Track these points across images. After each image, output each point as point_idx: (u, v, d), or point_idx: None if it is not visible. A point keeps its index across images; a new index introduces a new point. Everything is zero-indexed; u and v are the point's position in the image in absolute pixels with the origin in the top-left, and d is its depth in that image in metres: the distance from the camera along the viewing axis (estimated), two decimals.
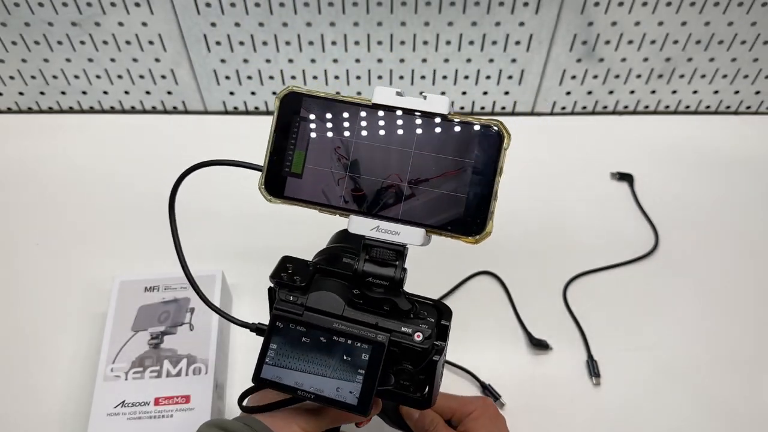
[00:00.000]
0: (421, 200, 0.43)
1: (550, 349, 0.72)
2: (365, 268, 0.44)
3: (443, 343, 0.46)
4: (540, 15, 0.84)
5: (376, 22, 0.84)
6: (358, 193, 0.44)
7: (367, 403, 0.43)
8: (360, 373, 0.44)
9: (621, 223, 0.84)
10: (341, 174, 0.44)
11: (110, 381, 0.63)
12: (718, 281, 0.78)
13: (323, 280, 0.47)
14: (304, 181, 0.44)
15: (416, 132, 0.42)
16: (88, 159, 0.90)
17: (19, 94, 0.95)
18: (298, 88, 0.43)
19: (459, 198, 0.42)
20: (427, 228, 0.43)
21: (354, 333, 0.45)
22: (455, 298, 0.76)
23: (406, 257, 0.44)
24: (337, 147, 0.43)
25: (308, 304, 0.46)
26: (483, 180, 0.42)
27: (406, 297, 0.45)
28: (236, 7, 0.82)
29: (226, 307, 0.71)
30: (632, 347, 0.72)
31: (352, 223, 0.43)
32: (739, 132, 0.96)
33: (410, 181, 0.43)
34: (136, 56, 0.89)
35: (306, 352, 0.45)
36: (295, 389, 0.44)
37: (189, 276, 0.49)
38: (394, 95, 0.42)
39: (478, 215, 0.43)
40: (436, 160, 0.42)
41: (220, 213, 0.83)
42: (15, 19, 0.84)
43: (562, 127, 0.96)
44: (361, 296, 0.45)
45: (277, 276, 0.47)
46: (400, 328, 0.45)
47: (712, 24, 0.86)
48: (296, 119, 0.44)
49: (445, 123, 0.42)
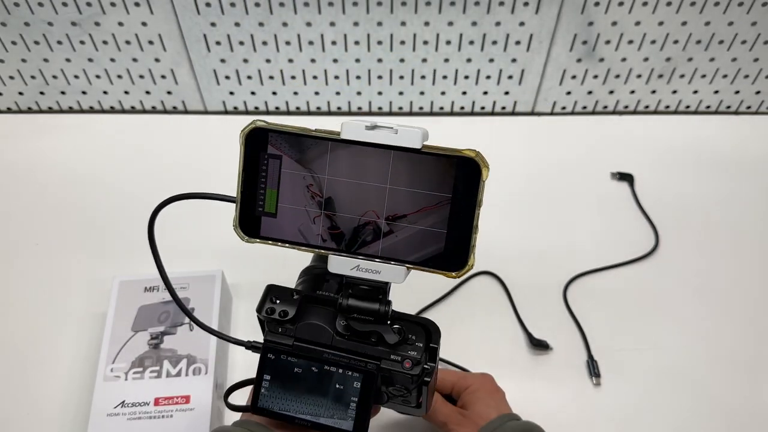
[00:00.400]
0: (400, 237, 0.41)
1: (551, 349, 0.72)
2: (350, 303, 0.44)
3: (433, 365, 0.45)
4: (540, 15, 0.84)
5: (376, 22, 0.84)
6: (335, 231, 0.42)
7: (362, 429, 0.44)
8: (353, 401, 0.44)
9: (621, 223, 0.84)
10: (316, 212, 0.42)
11: (110, 381, 0.63)
12: (718, 281, 0.78)
13: (310, 309, 0.46)
14: (280, 220, 0.43)
15: (389, 166, 0.40)
16: (88, 159, 0.90)
17: (18, 94, 0.95)
18: (263, 124, 0.42)
19: (438, 233, 0.41)
20: (407, 265, 0.42)
21: (344, 363, 0.45)
22: (456, 297, 0.76)
23: (389, 292, 0.44)
24: (309, 184, 0.42)
25: (297, 335, 0.46)
26: (462, 214, 0.40)
27: (392, 326, 0.44)
28: (236, 6, 0.82)
29: (226, 307, 0.71)
30: (632, 347, 0.72)
31: (332, 263, 0.42)
32: (739, 132, 0.96)
33: (387, 217, 0.41)
34: (136, 56, 0.89)
35: (299, 381, 0.45)
36: (293, 417, 0.45)
37: (175, 298, 0.49)
38: (364, 129, 0.40)
39: (459, 250, 0.41)
40: (412, 195, 0.41)
41: (220, 213, 0.83)
42: (15, 19, 0.84)
43: (562, 127, 0.96)
44: (347, 328, 0.45)
45: (263, 309, 0.46)
46: (389, 357, 0.44)
47: (713, 24, 0.85)
48: (264, 156, 0.42)
49: (419, 156, 0.40)
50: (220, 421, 0.64)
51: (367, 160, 0.41)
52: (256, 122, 0.42)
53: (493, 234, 0.81)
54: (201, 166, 0.88)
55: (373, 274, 0.42)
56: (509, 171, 0.88)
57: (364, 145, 0.40)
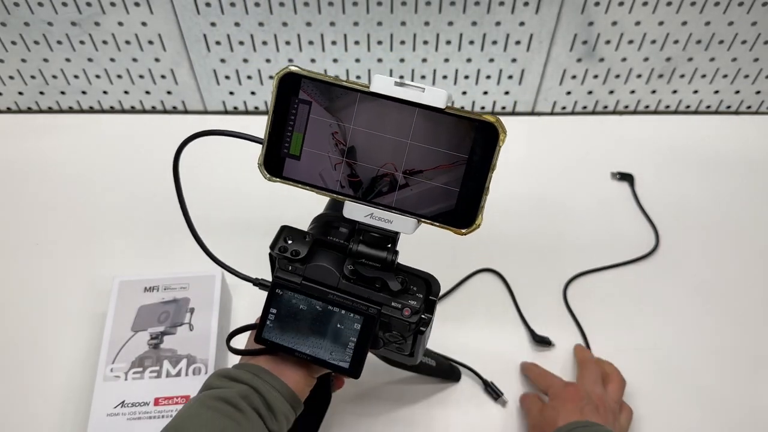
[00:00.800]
0: (415, 191, 0.44)
1: (553, 345, 0.72)
2: (359, 249, 0.46)
3: (430, 316, 0.48)
4: (540, 15, 0.84)
5: (376, 22, 0.84)
6: (354, 179, 0.45)
7: (358, 367, 0.47)
8: (352, 341, 0.47)
9: (621, 223, 0.84)
10: (338, 159, 0.44)
11: (110, 381, 0.63)
12: (718, 281, 0.78)
13: (320, 252, 0.49)
14: (302, 163, 0.45)
15: (413, 123, 0.43)
16: (87, 159, 0.90)
17: (18, 93, 0.95)
18: (297, 69, 0.43)
19: (451, 191, 0.43)
20: (419, 218, 0.44)
21: (347, 304, 0.48)
22: (458, 294, 0.76)
23: (398, 242, 0.46)
24: (334, 132, 0.44)
25: (306, 274, 0.48)
26: (476, 175, 0.43)
27: (396, 276, 0.47)
28: (236, 6, 0.82)
29: (226, 307, 0.71)
30: (632, 347, 0.72)
31: (347, 209, 0.45)
32: (739, 132, 0.96)
33: (405, 171, 0.44)
34: (136, 56, 0.89)
35: (303, 318, 0.48)
36: (293, 350, 0.48)
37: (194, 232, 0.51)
38: (393, 85, 0.42)
39: (469, 209, 0.43)
40: (431, 152, 0.43)
41: (220, 214, 0.83)
42: (15, 19, 0.84)
43: (562, 127, 0.96)
44: (354, 272, 0.47)
45: (276, 247, 0.49)
46: (390, 303, 0.47)
47: (713, 24, 0.85)
48: (294, 100, 0.44)
49: (442, 116, 0.42)
50: None
51: (391, 115, 0.43)
52: (290, 67, 0.44)
53: (492, 233, 0.81)
54: (201, 165, 0.88)
55: (385, 223, 0.44)
56: (509, 171, 0.88)
57: (391, 100, 0.42)
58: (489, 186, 0.42)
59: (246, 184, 0.81)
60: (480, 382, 0.69)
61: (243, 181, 0.83)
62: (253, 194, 0.83)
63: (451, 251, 0.79)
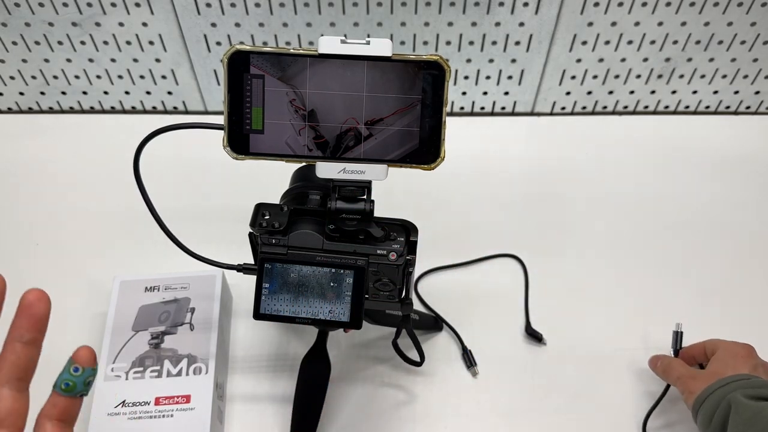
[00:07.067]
0: (379, 138, 0.46)
1: (544, 344, 0.72)
2: (338, 206, 0.48)
3: (414, 256, 0.51)
4: (540, 15, 0.84)
5: (376, 22, 0.84)
6: (320, 141, 0.46)
7: (358, 318, 0.50)
8: (347, 295, 0.50)
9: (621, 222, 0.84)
10: (301, 124, 0.46)
11: (110, 381, 0.63)
12: (718, 281, 0.78)
13: (299, 221, 0.51)
14: (267, 135, 0.46)
15: (365, 76, 0.45)
16: (88, 159, 0.90)
17: (19, 94, 0.95)
18: (243, 46, 0.45)
19: (413, 132, 0.46)
20: (388, 163, 0.46)
21: (336, 262, 0.50)
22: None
23: (371, 191, 0.48)
24: (292, 99, 0.46)
25: (290, 243, 0.50)
26: (432, 112, 0.45)
27: (377, 224, 0.49)
28: (236, 7, 0.82)
29: (227, 306, 0.71)
30: (632, 347, 0.72)
31: (320, 169, 0.46)
32: (739, 132, 0.96)
33: (366, 122, 0.46)
34: (137, 56, 0.89)
35: (296, 285, 0.50)
36: (293, 318, 0.50)
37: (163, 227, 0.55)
38: (339, 43, 0.44)
39: (432, 144, 0.46)
40: (386, 99, 0.45)
41: (220, 215, 0.83)
42: (15, 19, 0.84)
43: (562, 127, 0.96)
44: (336, 230, 0.50)
45: (256, 223, 0.50)
46: (376, 251, 0.50)
47: (712, 24, 0.86)
48: (247, 77, 0.45)
49: (390, 64, 0.44)
50: (220, 421, 0.64)
51: (343, 72, 0.45)
52: (236, 46, 0.45)
53: (493, 232, 0.81)
54: (201, 165, 0.88)
55: (359, 175, 0.47)
56: (509, 171, 0.88)
57: (339, 58, 0.44)
58: (445, 120, 0.45)
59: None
60: (460, 347, 0.71)
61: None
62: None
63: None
